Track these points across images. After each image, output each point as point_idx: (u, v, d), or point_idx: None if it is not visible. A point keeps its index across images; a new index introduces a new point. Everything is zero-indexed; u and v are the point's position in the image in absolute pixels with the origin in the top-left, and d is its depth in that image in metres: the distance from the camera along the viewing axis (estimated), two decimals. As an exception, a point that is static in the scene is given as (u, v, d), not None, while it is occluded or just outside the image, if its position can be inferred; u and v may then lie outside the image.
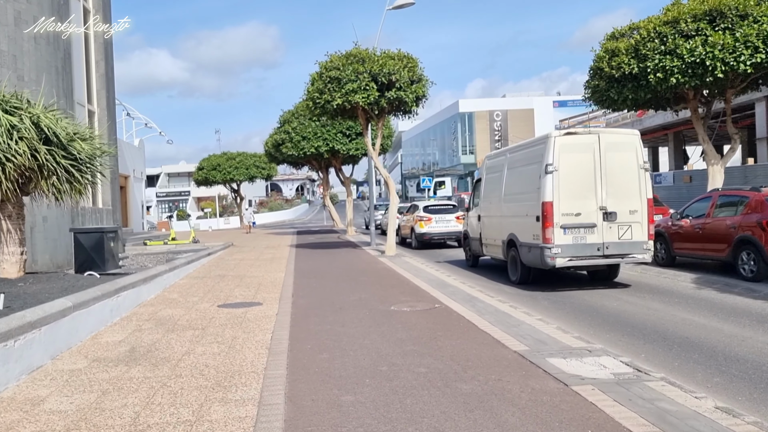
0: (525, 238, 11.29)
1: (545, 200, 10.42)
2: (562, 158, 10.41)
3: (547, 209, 10.39)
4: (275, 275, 13.31)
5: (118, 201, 22.34)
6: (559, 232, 10.41)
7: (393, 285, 11.27)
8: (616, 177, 10.57)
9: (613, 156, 10.59)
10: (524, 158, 11.73)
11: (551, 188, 10.38)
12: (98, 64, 21.02)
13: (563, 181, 10.41)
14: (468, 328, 7.32)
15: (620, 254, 10.70)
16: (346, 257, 17.44)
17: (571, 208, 10.45)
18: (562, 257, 10.44)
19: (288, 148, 27.52)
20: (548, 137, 10.67)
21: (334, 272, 13.73)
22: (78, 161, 10.61)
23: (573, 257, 10.52)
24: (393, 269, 13.93)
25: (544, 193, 10.43)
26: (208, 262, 16.70)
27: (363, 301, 9.53)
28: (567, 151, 10.46)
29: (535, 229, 10.81)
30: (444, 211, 21.87)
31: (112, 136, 21.94)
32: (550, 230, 10.38)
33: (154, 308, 9.25)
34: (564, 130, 11.25)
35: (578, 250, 10.51)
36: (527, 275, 11.58)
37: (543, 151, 10.66)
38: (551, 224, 10.37)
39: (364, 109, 17.40)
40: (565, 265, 10.63)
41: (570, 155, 10.48)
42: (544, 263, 10.61)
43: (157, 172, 75.61)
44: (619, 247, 10.62)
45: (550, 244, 10.40)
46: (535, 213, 10.74)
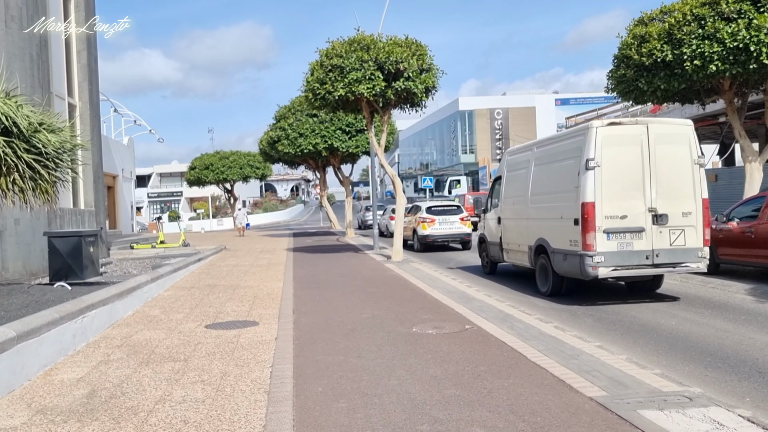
0: (559, 244, 9.90)
1: (586, 201, 9.05)
2: (605, 152, 9.05)
3: (588, 211, 9.01)
4: (272, 285, 11.83)
5: (102, 202, 20.80)
6: (602, 237, 9.03)
7: (409, 298, 9.81)
8: (667, 174, 9.23)
9: (663, 149, 9.24)
10: (558, 153, 10.31)
11: (593, 187, 9.01)
12: (80, 54, 19.48)
13: (607, 178, 9.05)
14: (516, 360, 5.88)
15: (672, 263, 9.30)
16: (348, 263, 15.98)
17: (616, 210, 9.09)
18: (605, 267, 9.05)
19: (284, 145, 26.00)
20: (589, 128, 9.29)
21: (338, 281, 12.27)
22: (43, 155, 9.11)
23: (618, 266, 9.13)
24: (404, 278, 12.48)
25: (585, 192, 9.07)
26: (198, 269, 15.20)
27: (377, 319, 8.07)
28: (611, 144, 9.10)
29: (572, 233, 9.43)
30: (448, 212, 20.86)
31: (95, 132, 20.40)
32: (591, 235, 9.01)
33: (130, 330, 7.77)
34: (607, 120, 9.75)
35: (624, 258, 9.11)
36: (560, 286, 10.18)
37: (582, 143, 9.29)
38: (593, 228, 9.00)
39: (368, 102, 15.94)
40: (609, 275, 9.28)
41: (614, 149, 9.12)
42: (584, 273, 9.20)
43: (149, 172, 73.80)
44: (671, 255, 9.23)
45: (592, 252, 9.01)
46: (573, 215, 9.38)
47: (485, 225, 13.90)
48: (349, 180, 29.97)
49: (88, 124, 19.71)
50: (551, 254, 10.13)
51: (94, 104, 20.28)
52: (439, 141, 61.71)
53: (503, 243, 12.58)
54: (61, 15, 18.47)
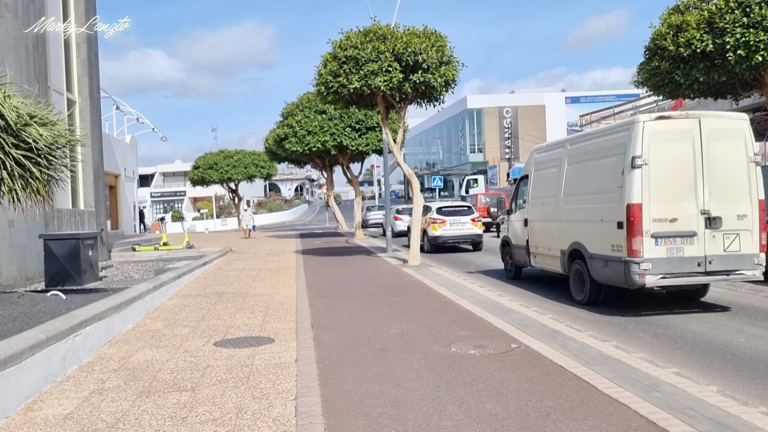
0: (598, 249, 9.10)
1: (632, 202, 8.29)
2: (653, 149, 8.29)
3: (635, 213, 8.24)
4: (285, 292, 10.91)
5: (103, 202, 19.93)
6: (650, 242, 8.25)
7: (437, 309, 8.88)
8: (721, 173, 8.44)
9: (717, 146, 8.44)
10: (597, 149, 9.49)
11: (640, 187, 8.25)
12: (79, 48, 18.60)
13: (655, 177, 8.28)
14: (586, 392, 4.94)
15: (726, 270, 8.49)
16: (363, 267, 15.05)
17: (665, 213, 8.31)
18: (653, 274, 8.28)
19: (291, 143, 25.08)
20: (635, 122, 8.53)
21: (355, 288, 11.34)
22: (34, 151, 8.22)
23: (667, 274, 8.33)
24: (426, 284, 11.56)
25: (631, 192, 8.31)
26: (204, 274, 14.30)
27: (408, 336, 7.14)
28: (659, 140, 8.34)
29: (614, 237, 8.65)
30: (458, 213, 20.34)
31: (96, 129, 19.53)
32: (638, 240, 8.23)
33: (129, 348, 6.85)
34: (655, 114, 8.89)
35: (673, 265, 8.31)
36: (597, 294, 9.41)
37: (627, 139, 8.52)
38: (640, 233, 8.23)
39: (384, 96, 15.02)
40: (657, 284, 8.51)
41: (663, 145, 8.35)
42: (629, 281, 8.42)
43: (152, 171, 73.00)
44: (725, 262, 8.43)
45: (639, 258, 8.23)
46: (616, 218, 8.61)
47: (509, 227, 13.08)
48: (357, 179, 29.02)
49: (88, 121, 18.83)
50: (589, 260, 9.36)
51: (94, 100, 19.41)
52: (446, 140, 60.76)
53: (530, 246, 11.80)
54: (60, 11, 17.59)
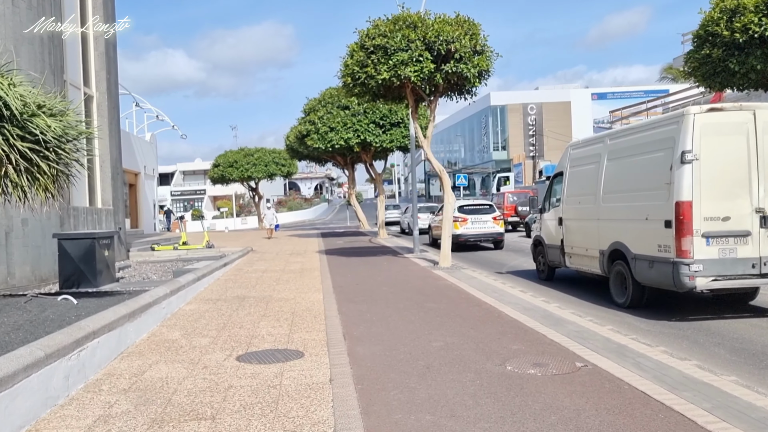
0: (642, 249, 8.62)
1: (681, 199, 7.79)
2: (705, 143, 7.80)
3: (685, 212, 7.76)
4: (311, 297, 10.15)
5: (121, 200, 19.37)
6: (701, 242, 7.76)
7: (480, 318, 8.05)
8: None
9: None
10: (641, 144, 8.99)
11: (690, 183, 7.76)
12: (97, 41, 18.03)
13: (706, 173, 7.79)
14: (684, 428, 4.08)
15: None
16: (391, 268, 14.25)
17: (717, 211, 7.82)
18: (704, 276, 7.77)
19: (314, 140, 24.35)
20: (684, 114, 8.00)
21: (386, 292, 10.55)
22: (42, 144, 7.56)
23: (719, 276, 7.81)
24: (462, 288, 10.72)
25: (680, 189, 7.82)
26: (224, 276, 13.60)
27: (454, 350, 6.32)
28: (711, 134, 7.84)
29: (661, 237, 8.16)
30: (480, 212, 20.40)
31: (114, 125, 18.97)
32: (688, 240, 7.74)
33: (142, 362, 6.12)
34: (707, 106, 8.24)
35: (726, 267, 7.79)
36: (640, 297, 8.94)
37: (676, 133, 8.02)
38: (690, 232, 7.74)
39: (413, 88, 14.20)
40: (708, 287, 7.96)
41: (715, 139, 7.85)
42: (678, 284, 7.91)
43: (172, 170, 72.95)
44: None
45: (689, 259, 7.74)
46: (664, 216, 8.11)
47: (542, 226, 12.58)
48: (381, 177, 28.23)
49: (106, 116, 18.27)
50: (631, 261, 8.87)
51: (112, 95, 18.85)
52: (468, 138, 59.67)
53: (565, 246, 11.30)
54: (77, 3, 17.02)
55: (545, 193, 12.72)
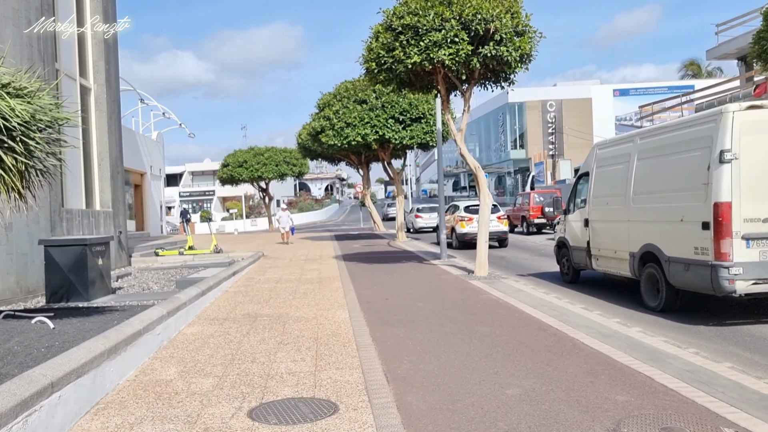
0: (677, 252, 8.36)
1: (720, 200, 7.56)
2: (744, 141, 7.52)
3: (723, 213, 7.53)
4: (335, 315, 8.56)
5: (122, 201, 17.90)
6: (740, 244, 7.52)
7: (553, 348, 6.42)
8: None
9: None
10: (675, 143, 8.70)
11: (729, 183, 7.52)
12: (95, 27, 16.52)
13: (746, 173, 7.53)
14: None
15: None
16: (420, 278, 12.64)
17: (758, 212, 7.56)
18: (744, 280, 7.50)
19: (329, 137, 22.75)
20: (723, 112, 7.72)
21: (423, 310, 8.93)
22: (4, 132, 6.04)
23: (759, 280, 7.53)
24: (511, 305, 9.10)
25: (719, 190, 7.58)
26: (233, 287, 12.05)
27: (540, 401, 4.71)
28: (751, 132, 7.55)
29: (698, 239, 7.90)
30: None
31: (114, 120, 17.49)
32: (727, 242, 7.51)
33: (121, 420, 4.54)
34: (747, 103, 7.85)
35: (767, 270, 7.49)
36: (674, 300, 8.66)
37: (714, 132, 7.75)
38: (729, 234, 7.50)
39: (446, 75, 12.60)
40: (748, 291, 7.60)
41: (756, 137, 7.55)
42: (717, 288, 7.63)
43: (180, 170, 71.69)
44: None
45: (728, 262, 7.49)
46: (701, 218, 7.86)
47: (566, 228, 12.26)
48: (400, 176, 26.60)
49: (105, 110, 16.78)
50: (665, 263, 8.59)
51: (112, 87, 17.36)
52: (484, 136, 57.91)
53: (591, 248, 11.01)
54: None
55: (569, 194, 12.32)
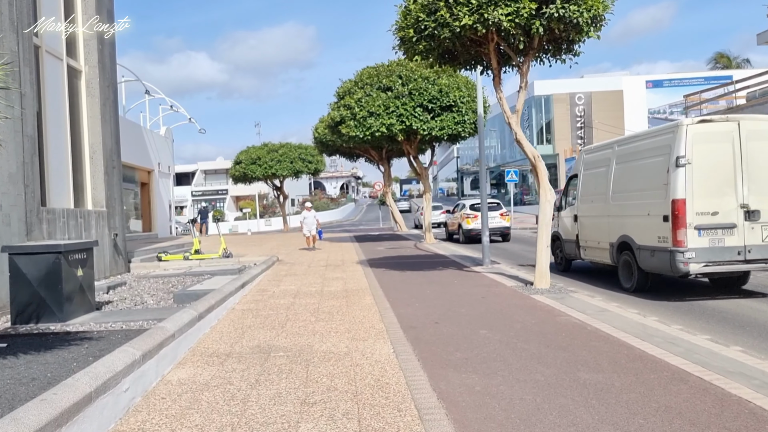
0: (645, 241, 9.89)
1: (676, 197, 9.07)
2: (696, 149, 9.06)
3: (679, 208, 9.05)
4: (375, 350, 6.36)
5: (118, 200, 15.82)
6: (693, 233, 9.04)
7: (717, 416, 4.15)
8: (759, 170, 9.14)
9: (755, 146, 9.15)
10: (644, 150, 10.22)
11: (683, 184, 9.03)
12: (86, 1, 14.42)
13: (697, 175, 9.05)
14: None
15: (765, 259, 9.15)
16: (468, 291, 10.39)
17: (707, 207, 9.06)
18: (696, 263, 9.04)
19: (350, 127, 20.52)
20: (679, 126, 9.32)
21: (490, 341, 6.69)
22: None
23: (709, 262, 9.06)
24: (606, 333, 6.83)
25: (676, 189, 9.10)
26: (242, 302, 9.89)
27: None
28: (701, 142, 9.07)
29: (661, 230, 9.41)
30: (489, 209, 22.90)
31: (109, 108, 15.41)
32: (682, 232, 9.03)
33: None
34: (698, 118, 9.70)
35: (715, 254, 9.05)
36: (645, 282, 10.23)
37: (672, 141, 9.28)
38: (684, 225, 9.01)
39: (498, 45, 10.35)
40: (700, 271, 9.18)
41: (705, 146, 9.08)
42: (674, 269, 9.20)
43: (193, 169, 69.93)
44: (764, 251, 9.12)
45: (683, 248, 9.02)
46: (662, 212, 9.37)
47: (560, 223, 13.70)
48: (427, 171, 24.31)
49: (98, 96, 14.70)
50: (636, 251, 10.09)
51: (106, 71, 15.27)
52: (507, 132, 55.23)
53: (580, 240, 12.54)
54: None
55: (562, 193, 13.83)
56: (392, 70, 20.76)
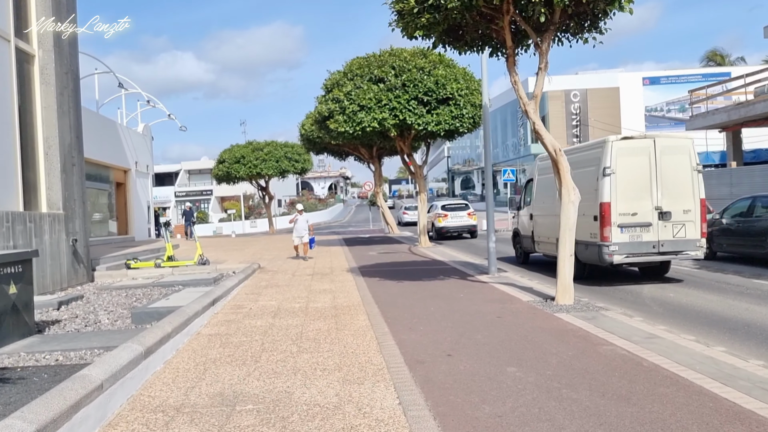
0: (582, 236, 11.06)
1: (603, 201, 10.82)
2: (619, 161, 10.79)
3: (605, 209, 10.80)
4: (376, 403, 4.78)
5: (79, 201, 14.09)
6: (617, 230, 10.83)
7: None
8: (670, 179, 10.91)
9: (668, 159, 10.96)
10: (581, 161, 11.66)
11: (609, 190, 10.80)
12: None
13: (620, 183, 10.80)
14: None
15: (674, 251, 11.09)
16: (481, 309, 8.83)
17: (628, 209, 10.81)
18: (619, 254, 10.85)
19: (338, 122, 18.89)
20: (606, 142, 11.06)
21: (526, 388, 5.13)
22: None
23: (629, 254, 10.80)
24: (672, 372, 5.30)
25: (602, 194, 10.84)
26: (210, 324, 8.26)
27: None
28: (624, 155, 10.74)
29: (593, 228, 11.14)
30: (458, 209, 26.53)
31: (68, 98, 13.69)
32: (608, 229, 10.78)
33: None
34: (621, 135, 11.32)
35: (634, 247, 10.82)
36: (582, 271, 11.66)
37: (601, 154, 11.05)
38: (609, 223, 10.77)
39: (513, 19, 8.80)
40: (622, 261, 10.99)
41: (626, 159, 10.78)
42: (602, 260, 11.03)
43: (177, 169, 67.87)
44: (674, 245, 11.02)
45: (608, 242, 10.82)
46: (593, 213, 11.05)
47: (519, 221, 15.56)
48: (422, 170, 22.73)
49: (53, 84, 12.99)
50: (576, 245, 10.32)
51: (64, 56, 13.57)
52: (500, 130, 53.82)
53: (534, 236, 14.19)
54: None
55: (521, 195, 15.81)
56: (384, 60, 19.17)
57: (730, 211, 14.17)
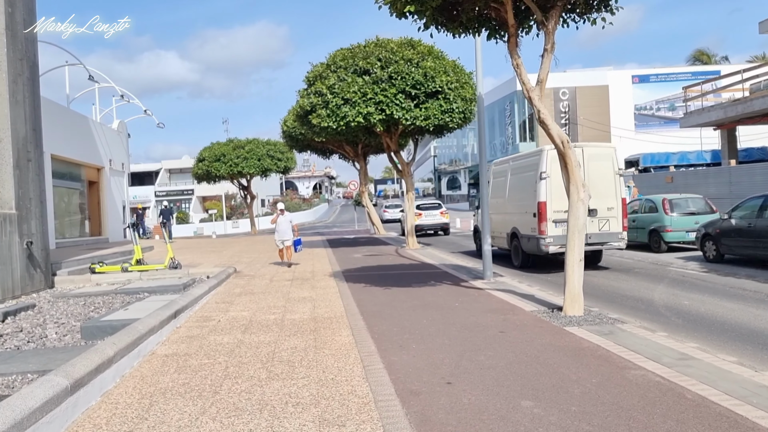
0: (525, 231, 13.47)
1: (540, 200, 12.63)
2: (553, 167, 11.88)
3: (542, 207, 12.61)
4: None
5: (36, 200, 12.85)
6: (551, 225, 12.56)
7: None
8: (596, 181, 11.99)
9: (594, 164, 12.61)
10: (524, 166, 13.83)
11: (545, 191, 12.57)
12: None
13: (554, 185, 12.18)
14: None
15: (600, 242, 12.91)
16: (480, 321, 7.79)
17: (561, 207, 11.69)
18: (554, 245, 12.52)
19: (321, 117, 17.76)
20: (542, 151, 12.78)
21: (543, 426, 4.11)
22: None
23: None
24: (714, 404, 4.30)
25: (539, 194, 12.65)
26: (169, 342, 7.13)
27: None
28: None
29: (533, 223, 12.98)
30: (432, 208, 28.29)
31: (23, 86, 12.47)
32: (544, 224, 12.57)
33: None
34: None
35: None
36: (527, 260, 13.87)
37: (538, 160, 12.85)
38: (545, 219, 12.57)
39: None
40: (557, 251, 12.44)
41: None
42: (540, 250, 12.85)
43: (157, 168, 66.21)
44: (600, 237, 12.84)
45: (545, 235, 12.60)
46: (533, 210, 12.91)
47: (478, 218, 16.74)
48: (409, 167, 21.65)
49: (5, 71, 11.77)
50: (521, 238, 13.76)
51: (19, 40, 12.34)
52: (488, 129, 52.85)
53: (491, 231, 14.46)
54: None
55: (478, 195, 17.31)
56: (370, 51, 18.08)
57: (740, 210, 13.29)
